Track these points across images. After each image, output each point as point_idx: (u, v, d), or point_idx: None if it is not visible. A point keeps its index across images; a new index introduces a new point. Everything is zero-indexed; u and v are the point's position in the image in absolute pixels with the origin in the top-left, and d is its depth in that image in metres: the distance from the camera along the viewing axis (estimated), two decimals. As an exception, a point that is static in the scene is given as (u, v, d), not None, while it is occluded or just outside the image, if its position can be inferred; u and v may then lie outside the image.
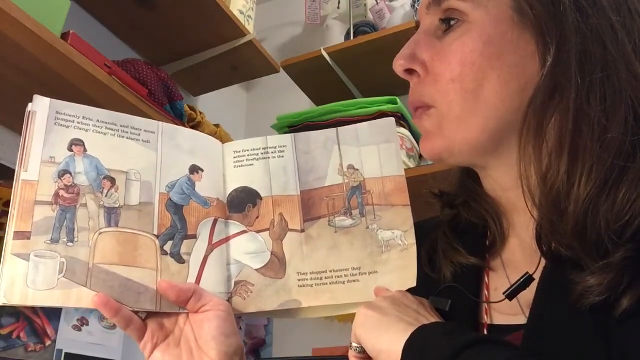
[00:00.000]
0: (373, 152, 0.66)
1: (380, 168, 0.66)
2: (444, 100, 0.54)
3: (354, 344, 0.53)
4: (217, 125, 1.53)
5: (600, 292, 0.45)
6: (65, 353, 1.29)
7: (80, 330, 1.34)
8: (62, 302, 0.55)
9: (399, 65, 0.56)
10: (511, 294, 0.52)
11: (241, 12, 1.62)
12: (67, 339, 1.30)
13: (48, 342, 1.26)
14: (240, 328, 1.68)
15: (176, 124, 1.33)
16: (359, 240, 0.63)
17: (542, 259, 0.51)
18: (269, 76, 1.78)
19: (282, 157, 0.67)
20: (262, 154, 0.67)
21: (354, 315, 0.55)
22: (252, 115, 2.12)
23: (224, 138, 1.53)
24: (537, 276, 0.52)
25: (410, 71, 0.56)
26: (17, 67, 1.05)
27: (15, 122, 1.13)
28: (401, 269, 0.61)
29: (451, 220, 0.62)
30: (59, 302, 0.55)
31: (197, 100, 1.86)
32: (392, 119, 0.68)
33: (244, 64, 1.70)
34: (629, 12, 0.51)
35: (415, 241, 0.62)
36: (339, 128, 0.68)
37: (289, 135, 0.68)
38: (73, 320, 1.33)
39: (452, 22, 0.54)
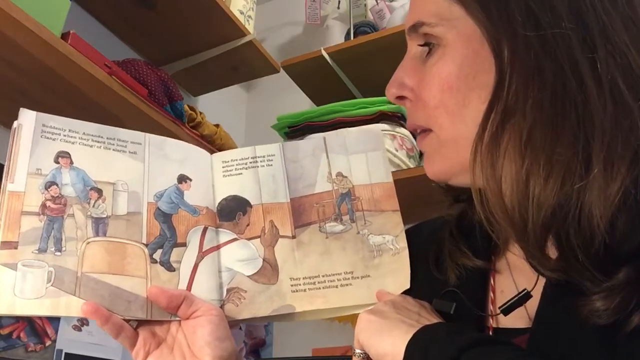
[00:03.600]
0: (361, 159, 0.67)
1: (369, 175, 0.67)
2: (435, 124, 0.54)
3: (357, 350, 0.53)
4: (217, 125, 1.53)
5: (608, 315, 0.44)
6: (65, 353, 1.29)
7: (80, 330, 1.34)
8: (51, 310, 0.55)
9: (391, 93, 0.57)
10: (506, 310, 0.52)
11: (241, 12, 1.62)
12: (67, 339, 1.30)
13: (48, 342, 1.26)
14: (240, 328, 1.68)
15: (176, 124, 1.33)
16: (350, 245, 0.63)
17: None
18: (269, 76, 1.78)
19: (271, 165, 0.67)
20: (250, 163, 0.68)
21: (354, 315, 0.55)
22: (252, 115, 2.12)
23: (224, 138, 1.52)
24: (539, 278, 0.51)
25: (402, 97, 0.57)
26: (17, 67, 1.05)
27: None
28: (394, 272, 0.62)
29: (458, 219, 0.62)
30: (47, 310, 0.55)
31: (197, 100, 1.86)
32: (379, 127, 0.71)
33: (244, 64, 1.69)
34: (587, 16, 0.49)
35: (406, 245, 0.63)
36: (326, 137, 0.69)
37: (276, 145, 0.69)
38: (73, 320, 1.33)
39: (432, 46, 0.54)
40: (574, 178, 0.45)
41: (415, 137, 1.46)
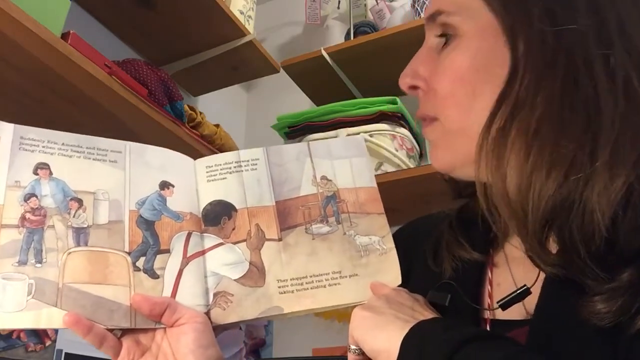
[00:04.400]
0: (345, 164, 0.68)
1: (353, 179, 0.67)
2: (442, 114, 0.55)
3: (352, 346, 0.53)
4: (217, 125, 1.53)
5: (610, 318, 0.44)
6: (65, 353, 1.29)
7: (80, 330, 1.34)
8: (32, 323, 0.54)
9: (404, 82, 0.58)
10: (505, 305, 0.52)
11: (241, 12, 1.61)
12: (67, 339, 1.30)
13: (48, 342, 1.26)
14: (240, 328, 1.68)
15: (176, 124, 1.33)
16: (337, 245, 0.64)
17: None
18: (269, 76, 1.78)
19: (255, 169, 0.68)
20: (235, 167, 0.68)
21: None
22: (252, 115, 2.12)
23: (224, 138, 1.52)
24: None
25: (415, 87, 0.57)
26: (17, 67, 1.04)
27: (15, 122, 1.13)
28: (383, 271, 0.62)
29: (459, 211, 0.62)
30: (29, 323, 0.54)
31: (197, 100, 1.86)
32: (362, 138, 0.71)
33: (244, 64, 1.69)
34: (606, 12, 0.49)
35: (394, 246, 0.63)
36: (310, 142, 0.70)
37: (260, 149, 0.69)
38: (73, 321, 1.33)
39: (448, 37, 0.54)
40: (577, 171, 0.45)
41: (415, 136, 1.47)
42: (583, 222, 0.45)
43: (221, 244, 0.64)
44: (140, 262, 0.61)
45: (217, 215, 0.65)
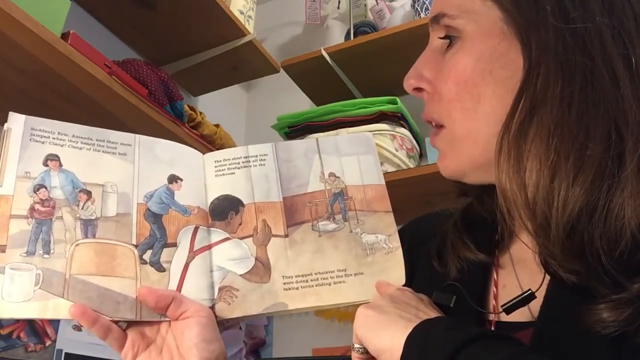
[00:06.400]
0: (353, 162, 0.68)
1: (361, 177, 0.67)
2: (448, 119, 0.54)
3: (356, 345, 0.53)
4: (217, 125, 1.53)
5: (615, 327, 0.44)
6: (65, 353, 1.29)
7: (80, 330, 1.34)
8: (39, 313, 0.55)
9: (409, 84, 0.57)
10: (509, 309, 0.52)
11: (241, 12, 1.62)
12: (67, 339, 1.30)
13: (48, 342, 1.26)
14: (240, 328, 1.68)
15: (176, 124, 1.33)
16: (343, 243, 0.64)
17: None
18: (269, 76, 1.78)
19: (264, 165, 0.68)
20: (243, 162, 0.68)
21: (353, 314, 0.55)
22: (252, 115, 2.12)
23: (224, 138, 1.52)
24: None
25: (420, 89, 0.57)
26: (17, 67, 1.05)
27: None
28: (388, 270, 0.62)
29: (464, 211, 0.62)
30: (35, 313, 0.55)
31: (197, 100, 1.86)
32: (370, 134, 0.71)
33: (244, 64, 1.69)
34: (622, 11, 0.49)
35: (400, 244, 0.63)
36: (319, 139, 0.70)
37: (269, 144, 0.69)
38: (73, 320, 1.33)
39: (452, 39, 0.54)
40: (603, 176, 0.45)
41: (415, 136, 1.47)
42: (605, 229, 0.44)
43: (228, 238, 0.64)
44: (147, 255, 0.61)
45: (225, 210, 0.66)
